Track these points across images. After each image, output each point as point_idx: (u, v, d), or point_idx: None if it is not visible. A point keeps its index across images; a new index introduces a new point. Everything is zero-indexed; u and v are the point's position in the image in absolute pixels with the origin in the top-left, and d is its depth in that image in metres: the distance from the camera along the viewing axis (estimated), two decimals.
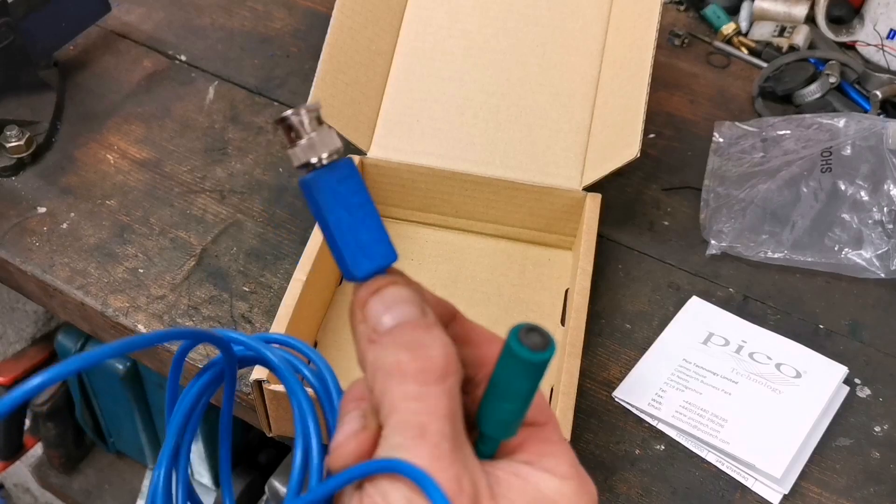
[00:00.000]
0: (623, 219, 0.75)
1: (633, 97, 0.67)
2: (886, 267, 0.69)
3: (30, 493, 1.31)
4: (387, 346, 0.26)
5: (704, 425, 0.59)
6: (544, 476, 0.28)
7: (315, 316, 0.64)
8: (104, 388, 1.05)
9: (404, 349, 0.26)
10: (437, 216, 0.73)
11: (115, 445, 1.18)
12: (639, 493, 0.56)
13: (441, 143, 0.71)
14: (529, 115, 0.71)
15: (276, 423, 0.56)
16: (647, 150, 0.81)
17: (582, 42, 0.72)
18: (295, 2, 0.98)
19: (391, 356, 0.26)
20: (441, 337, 0.26)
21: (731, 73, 0.93)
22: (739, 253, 0.71)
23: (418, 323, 0.27)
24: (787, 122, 0.77)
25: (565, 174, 0.69)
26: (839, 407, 0.61)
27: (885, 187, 0.70)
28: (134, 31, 0.93)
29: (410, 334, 0.26)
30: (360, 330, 0.28)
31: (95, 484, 1.22)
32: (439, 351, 0.26)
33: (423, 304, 0.28)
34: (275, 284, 0.68)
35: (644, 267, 0.71)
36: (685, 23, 0.99)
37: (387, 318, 0.27)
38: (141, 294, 0.67)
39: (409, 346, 0.26)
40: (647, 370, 0.63)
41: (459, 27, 0.74)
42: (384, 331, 0.27)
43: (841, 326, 0.67)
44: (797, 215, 0.71)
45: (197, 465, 1.11)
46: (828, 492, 0.57)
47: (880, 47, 0.92)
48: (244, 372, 0.62)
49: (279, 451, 1.06)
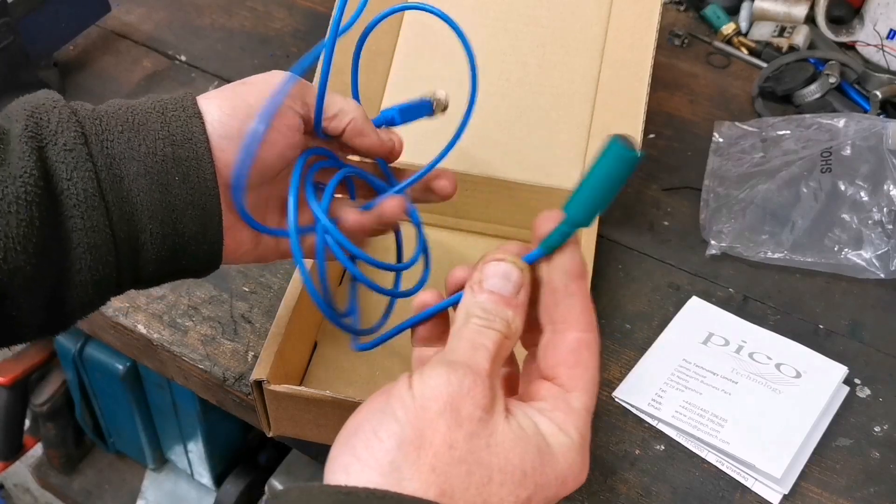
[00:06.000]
0: (623, 219, 0.75)
1: (633, 97, 0.67)
2: (886, 267, 0.69)
3: (30, 493, 1.31)
4: (476, 300, 0.36)
5: (704, 425, 0.59)
6: (553, 426, 0.34)
7: (315, 316, 0.64)
8: (104, 388, 1.05)
9: (480, 313, 0.35)
10: (437, 216, 0.73)
11: (115, 445, 1.18)
12: (639, 493, 0.56)
13: (441, 143, 0.71)
14: (529, 116, 0.71)
15: (276, 423, 0.56)
16: (647, 150, 0.81)
17: (582, 42, 0.72)
18: (295, 2, 0.98)
19: (475, 309, 0.35)
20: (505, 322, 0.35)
21: (731, 73, 0.93)
22: (739, 253, 0.71)
23: (503, 298, 0.36)
24: (787, 123, 0.77)
25: (565, 174, 0.69)
26: (839, 407, 0.61)
27: (885, 187, 0.70)
28: (134, 31, 0.93)
29: (490, 306, 0.36)
30: (473, 272, 0.37)
31: (95, 484, 1.22)
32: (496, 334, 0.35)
33: (521, 282, 0.36)
34: (275, 284, 0.68)
35: (644, 267, 0.71)
36: (685, 23, 0.99)
37: (489, 282, 0.36)
38: (141, 294, 0.67)
39: (483, 315, 0.35)
40: (647, 370, 0.63)
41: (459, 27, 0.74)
42: (483, 288, 0.36)
43: (841, 326, 0.67)
44: (797, 215, 0.71)
45: (197, 466, 1.11)
46: (828, 492, 0.57)
47: (880, 47, 0.92)
48: (244, 371, 0.62)
49: (279, 451, 1.06)
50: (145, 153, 0.42)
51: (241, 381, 0.61)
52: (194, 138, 0.43)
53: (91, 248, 0.40)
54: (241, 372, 0.62)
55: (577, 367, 0.36)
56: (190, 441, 1.07)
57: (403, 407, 0.32)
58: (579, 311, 0.36)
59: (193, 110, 0.43)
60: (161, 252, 0.43)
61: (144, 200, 0.42)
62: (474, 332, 0.35)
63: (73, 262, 0.40)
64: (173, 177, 0.42)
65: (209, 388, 0.64)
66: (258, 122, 0.44)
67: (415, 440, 0.31)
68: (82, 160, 0.40)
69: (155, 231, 0.42)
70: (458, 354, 0.34)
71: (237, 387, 0.61)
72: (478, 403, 0.32)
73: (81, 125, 0.41)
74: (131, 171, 0.41)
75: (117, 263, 0.42)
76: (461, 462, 0.31)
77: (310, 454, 0.64)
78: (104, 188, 0.40)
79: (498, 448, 0.32)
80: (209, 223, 0.44)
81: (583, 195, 0.35)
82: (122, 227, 0.41)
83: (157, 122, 0.42)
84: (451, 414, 0.32)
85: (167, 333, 0.64)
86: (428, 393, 0.32)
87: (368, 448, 0.31)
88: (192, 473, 1.14)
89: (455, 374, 0.33)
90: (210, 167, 0.43)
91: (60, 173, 0.39)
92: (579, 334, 0.36)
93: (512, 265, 0.36)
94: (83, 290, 0.41)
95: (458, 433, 0.31)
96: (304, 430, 0.56)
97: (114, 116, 0.42)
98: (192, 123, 0.43)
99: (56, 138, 0.40)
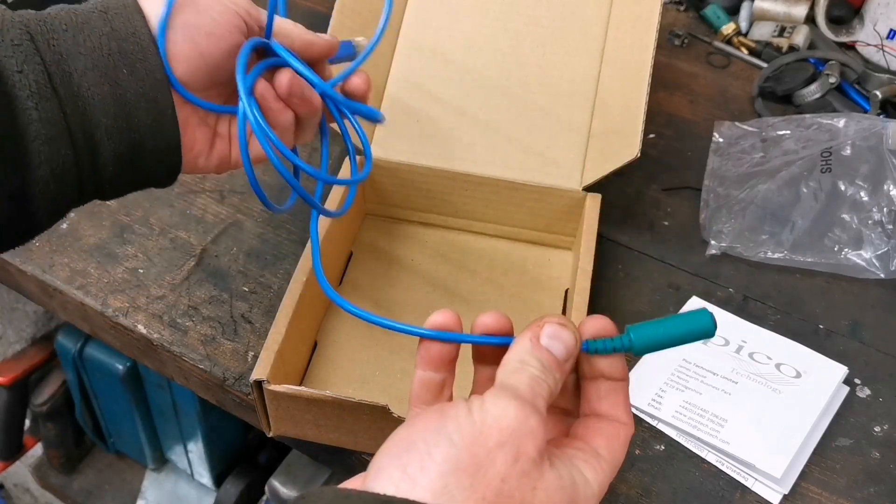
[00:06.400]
0: (623, 219, 0.75)
1: (633, 97, 0.67)
2: (886, 267, 0.69)
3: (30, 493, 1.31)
4: (533, 353, 0.36)
5: (704, 425, 0.59)
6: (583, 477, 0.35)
7: (315, 316, 0.64)
8: (104, 388, 1.05)
9: (538, 365, 0.36)
10: (437, 216, 0.73)
11: (114, 445, 1.18)
12: (639, 493, 0.56)
13: (441, 142, 0.71)
14: (529, 116, 0.71)
15: (276, 423, 0.56)
16: (647, 150, 0.81)
17: (582, 42, 0.72)
18: (295, 2, 0.98)
19: (532, 360, 0.36)
20: (554, 380, 0.36)
21: (731, 73, 0.93)
22: (739, 253, 0.71)
23: (557, 361, 0.36)
24: (787, 123, 0.77)
25: (565, 174, 0.69)
26: (839, 407, 0.61)
27: (885, 187, 0.70)
28: None
29: (547, 362, 0.36)
30: (534, 326, 0.37)
31: (95, 484, 1.22)
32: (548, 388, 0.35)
33: (573, 354, 0.37)
34: (275, 284, 0.68)
35: (644, 267, 0.71)
36: (685, 23, 0.99)
37: (546, 340, 0.36)
38: (141, 294, 0.67)
39: (540, 368, 0.36)
40: (647, 370, 0.63)
41: (459, 27, 0.74)
42: (541, 344, 0.36)
43: (841, 326, 0.67)
44: (797, 215, 0.71)
45: (197, 466, 1.11)
46: (828, 492, 0.57)
47: (880, 47, 0.92)
48: (244, 371, 0.62)
49: (279, 451, 1.06)
50: (91, 48, 0.43)
51: (241, 381, 0.61)
52: (137, 32, 0.44)
53: (48, 140, 0.41)
54: (241, 372, 0.62)
55: (614, 443, 0.37)
56: (190, 441, 1.07)
57: (460, 431, 0.32)
58: (623, 408, 0.38)
59: (135, 7, 0.45)
60: (118, 148, 0.44)
61: (95, 94, 0.43)
62: (532, 380, 0.35)
63: (32, 156, 0.41)
64: (120, 70, 0.43)
65: (209, 388, 0.64)
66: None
67: (469, 467, 0.31)
68: (31, 54, 0.41)
69: (109, 126, 0.43)
70: (523, 393, 0.34)
71: (237, 387, 0.61)
72: (536, 445, 0.33)
73: (26, 25, 0.42)
74: (79, 66, 0.42)
75: (76, 160, 0.43)
76: (509, 497, 0.31)
77: (310, 454, 0.64)
78: (55, 82, 0.41)
79: (542, 493, 0.32)
80: (162, 116, 0.45)
81: (653, 332, 0.37)
82: (76, 121, 0.42)
83: (100, 20, 0.44)
84: (511, 448, 0.32)
85: (167, 333, 0.64)
86: (490, 422, 0.32)
87: (422, 468, 0.31)
88: (192, 473, 1.14)
89: (523, 410, 0.33)
90: (156, 59, 0.44)
91: (11, 67, 0.40)
92: (621, 426, 0.38)
93: (571, 334, 0.37)
94: (45, 187, 0.42)
95: (513, 469, 0.32)
96: (304, 430, 0.56)
97: (57, 18, 0.43)
98: (134, 19, 0.44)
99: (2, 35, 0.40)
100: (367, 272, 0.70)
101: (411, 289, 0.68)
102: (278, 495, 0.93)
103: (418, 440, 0.32)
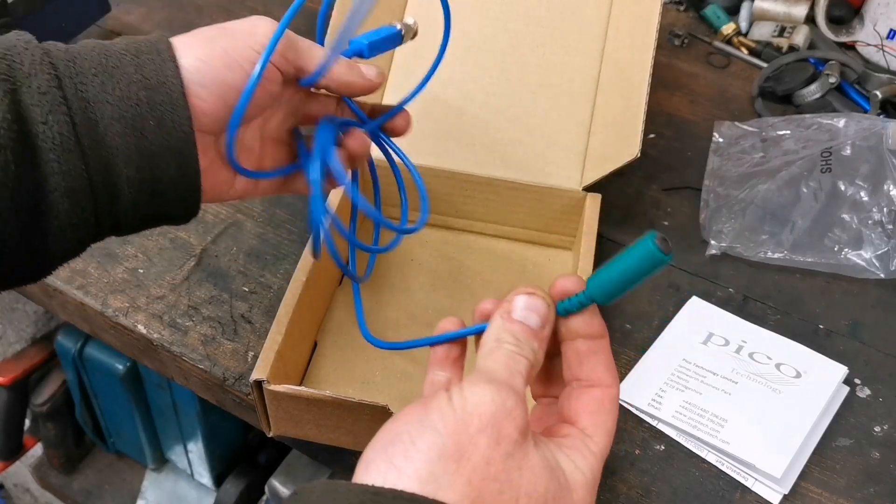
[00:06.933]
0: (623, 219, 0.75)
1: (633, 97, 0.67)
2: (886, 267, 0.69)
3: (30, 493, 1.31)
4: (506, 328, 0.37)
5: (704, 425, 0.59)
6: (571, 463, 0.35)
7: (315, 316, 0.64)
8: (104, 388, 1.06)
9: (512, 339, 0.36)
10: (437, 216, 0.73)
11: (115, 445, 1.18)
12: (639, 493, 0.56)
13: (441, 143, 0.71)
14: (529, 116, 0.71)
15: (276, 423, 0.56)
16: (647, 150, 0.81)
17: (582, 42, 0.72)
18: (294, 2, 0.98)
19: (506, 335, 0.36)
20: (532, 351, 0.36)
21: (731, 73, 0.93)
22: (739, 253, 0.71)
23: (532, 331, 0.37)
24: (787, 123, 0.77)
25: (565, 174, 0.69)
26: (839, 407, 0.61)
27: (885, 187, 0.70)
28: (134, 31, 0.93)
29: (521, 335, 0.37)
30: (505, 302, 0.38)
31: (95, 484, 1.22)
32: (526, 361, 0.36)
33: (548, 320, 0.37)
34: (275, 284, 0.68)
35: None
36: (685, 23, 0.99)
37: (518, 312, 0.37)
38: (141, 294, 0.67)
39: (514, 343, 0.36)
40: (647, 370, 0.63)
41: (459, 27, 0.74)
42: (513, 318, 0.37)
43: (841, 326, 0.67)
44: (797, 215, 0.71)
45: (197, 466, 1.11)
46: (828, 492, 0.57)
47: (880, 47, 0.92)
48: (244, 371, 0.62)
49: (279, 451, 1.06)
50: (119, 97, 0.41)
51: (241, 381, 0.61)
52: (168, 83, 0.42)
53: (68, 192, 0.40)
54: (241, 372, 0.62)
55: (599, 415, 0.37)
56: (190, 441, 1.07)
57: (443, 419, 0.33)
58: (603, 368, 0.38)
59: (168, 54, 0.43)
60: (139, 196, 0.43)
61: (120, 145, 0.41)
62: (508, 357, 0.36)
63: (51, 207, 0.40)
64: (148, 121, 0.42)
65: (209, 388, 0.64)
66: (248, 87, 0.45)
67: (454, 453, 0.32)
68: (57, 103, 0.40)
69: (132, 176, 0.42)
70: (499, 375, 0.35)
71: (237, 387, 0.61)
72: (517, 425, 0.33)
73: (55, 67, 0.40)
74: (106, 115, 0.41)
75: (95, 209, 0.42)
76: (495, 480, 0.32)
77: (310, 454, 0.64)
78: (79, 132, 0.40)
79: (528, 472, 0.33)
80: (186, 168, 0.44)
81: (607, 276, 0.37)
82: (98, 171, 0.41)
83: (131, 64, 0.42)
84: (492, 431, 0.32)
85: (167, 333, 0.64)
86: (470, 408, 0.33)
87: (407, 457, 0.32)
88: (192, 473, 1.14)
89: (500, 393, 0.33)
90: (185, 112, 0.43)
91: (35, 117, 0.39)
92: (604, 389, 0.38)
93: (541, 300, 0.37)
94: (61, 236, 0.41)
95: (496, 451, 0.32)
96: (304, 430, 0.56)
97: (87, 58, 0.42)
98: (165, 68, 0.43)
99: (29, 81, 0.39)
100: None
101: (411, 288, 0.68)
102: (278, 495, 0.93)
103: (403, 432, 0.33)
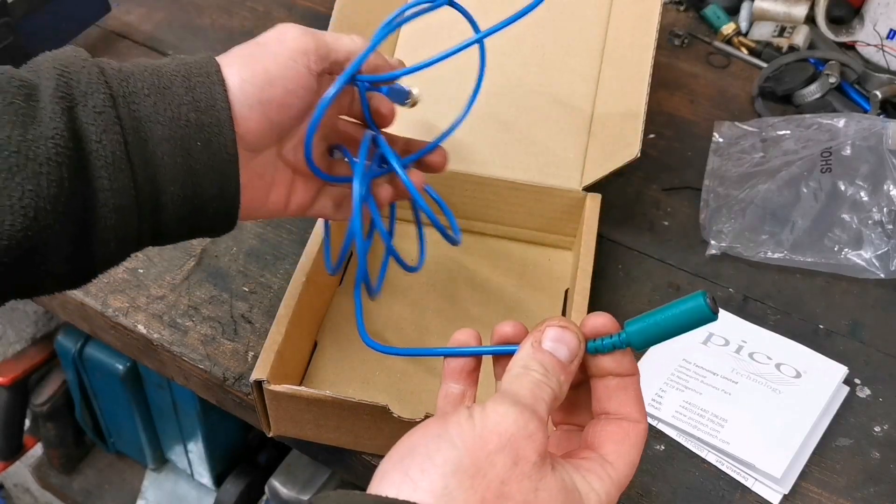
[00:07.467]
0: (623, 219, 0.75)
1: (633, 97, 0.67)
2: (886, 267, 0.69)
3: (30, 493, 1.31)
4: (535, 357, 0.37)
5: (704, 425, 0.59)
6: (587, 486, 0.35)
7: (315, 316, 0.64)
8: (104, 388, 1.05)
9: (540, 369, 0.37)
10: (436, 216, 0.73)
11: (115, 445, 1.18)
12: (639, 493, 0.56)
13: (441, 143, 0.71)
14: (529, 116, 0.71)
15: (276, 423, 0.56)
16: (647, 150, 0.81)
17: (582, 42, 0.72)
18: (295, 2, 0.98)
19: (533, 365, 0.37)
20: (559, 383, 0.37)
21: (731, 73, 0.93)
22: (739, 253, 0.71)
23: (560, 364, 0.37)
24: (787, 123, 0.77)
25: (565, 174, 0.69)
26: (839, 407, 0.61)
27: (885, 187, 0.70)
28: (134, 31, 0.93)
29: (550, 366, 0.37)
30: (536, 331, 0.38)
31: (95, 484, 1.22)
32: (551, 391, 0.36)
33: (577, 355, 0.38)
34: (275, 284, 0.68)
35: (644, 267, 0.71)
36: (685, 23, 0.99)
37: (548, 343, 0.38)
38: (141, 294, 0.67)
39: (542, 372, 0.37)
40: (647, 370, 0.63)
41: (459, 27, 0.73)
42: (543, 348, 0.38)
43: (841, 326, 0.67)
44: (797, 215, 0.71)
45: (197, 466, 1.11)
46: (828, 492, 0.57)
47: (880, 47, 0.92)
48: (244, 371, 0.62)
49: (279, 451, 1.06)
50: (170, 118, 0.43)
51: (241, 381, 0.61)
52: (217, 105, 0.44)
53: (117, 208, 0.42)
54: (241, 372, 0.62)
55: (623, 445, 0.38)
56: (190, 441, 1.07)
57: (461, 435, 0.33)
58: (633, 403, 0.38)
59: (217, 77, 0.45)
60: (181, 212, 0.45)
61: (167, 164, 0.43)
62: (534, 384, 0.36)
63: (98, 221, 0.41)
64: (195, 142, 0.43)
65: (209, 388, 0.64)
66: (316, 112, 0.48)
67: (470, 469, 0.32)
68: (111, 123, 0.41)
69: (176, 193, 0.44)
70: (523, 399, 0.35)
71: (237, 387, 0.61)
72: (536, 448, 0.33)
73: (109, 86, 0.42)
74: (156, 135, 0.43)
75: (139, 224, 0.43)
76: (509, 499, 0.32)
77: (310, 454, 0.64)
78: (130, 151, 0.42)
79: (544, 493, 0.33)
80: (227, 186, 0.46)
81: (650, 324, 0.37)
82: (144, 189, 0.43)
83: (182, 86, 0.44)
84: (510, 451, 0.33)
85: (167, 333, 0.64)
86: (491, 426, 0.33)
87: (423, 471, 0.32)
88: (192, 473, 1.14)
89: (522, 415, 0.34)
90: (231, 134, 0.44)
91: (90, 135, 0.40)
92: (632, 423, 0.38)
93: (573, 335, 0.38)
94: (106, 247, 0.43)
95: (512, 471, 0.33)
96: (304, 430, 0.56)
97: (140, 78, 0.43)
98: (215, 91, 0.44)
99: (86, 99, 0.41)
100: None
101: (411, 289, 0.68)
102: (278, 495, 0.93)
103: (420, 445, 0.33)
